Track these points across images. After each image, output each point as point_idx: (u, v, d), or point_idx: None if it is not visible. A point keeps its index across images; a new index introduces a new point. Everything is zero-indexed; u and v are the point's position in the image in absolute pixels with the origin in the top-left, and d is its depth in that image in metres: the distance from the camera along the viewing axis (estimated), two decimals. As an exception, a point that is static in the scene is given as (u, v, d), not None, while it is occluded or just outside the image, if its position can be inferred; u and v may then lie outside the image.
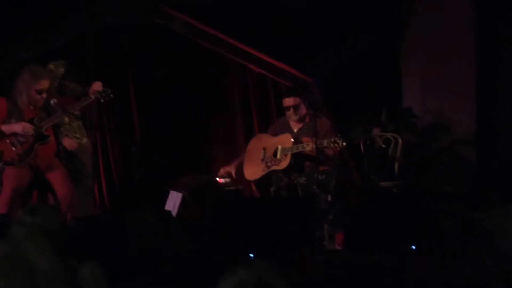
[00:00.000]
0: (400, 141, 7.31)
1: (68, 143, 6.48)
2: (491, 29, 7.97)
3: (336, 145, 6.17)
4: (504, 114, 7.96)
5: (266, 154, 6.73)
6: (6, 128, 5.75)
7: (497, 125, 8.00)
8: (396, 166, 7.21)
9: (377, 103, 7.82)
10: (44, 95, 5.82)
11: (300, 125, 6.69)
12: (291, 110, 6.66)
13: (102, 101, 5.98)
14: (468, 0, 7.98)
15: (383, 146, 7.36)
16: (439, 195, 6.99)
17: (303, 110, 6.65)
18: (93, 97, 5.92)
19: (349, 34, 7.99)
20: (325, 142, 6.24)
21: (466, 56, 7.99)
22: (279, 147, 6.64)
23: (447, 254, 3.12)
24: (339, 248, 5.94)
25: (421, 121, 7.83)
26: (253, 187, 6.95)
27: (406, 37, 8.20)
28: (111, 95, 5.96)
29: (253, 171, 6.82)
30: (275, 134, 6.84)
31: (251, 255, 3.95)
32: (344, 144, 6.16)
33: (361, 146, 7.43)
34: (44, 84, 5.82)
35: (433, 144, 7.83)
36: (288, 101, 6.69)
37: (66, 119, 6.42)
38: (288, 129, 6.75)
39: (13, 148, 5.76)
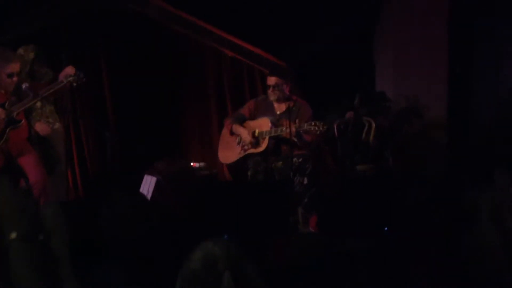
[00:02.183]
0: (373, 124, 7.35)
1: (41, 128, 6.43)
2: (464, 15, 8.04)
3: (316, 128, 6.18)
4: (475, 98, 8.05)
5: (242, 138, 6.73)
6: None
7: (468, 109, 8.09)
8: (370, 150, 7.25)
9: (350, 88, 7.85)
10: (15, 79, 5.75)
11: (283, 109, 6.66)
12: (274, 89, 6.62)
13: (75, 84, 5.91)
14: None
15: (357, 130, 7.40)
16: (411, 178, 7.05)
17: (285, 91, 6.62)
18: (65, 81, 5.85)
19: (324, 20, 8.01)
20: (305, 125, 6.25)
21: (439, 41, 8.05)
22: (257, 130, 6.64)
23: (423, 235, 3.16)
24: (313, 231, 5.97)
25: (394, 105, 7.88)
26: (226, 171, 6.95)
27: (380, 22, 8.24)
28: (84, 79, 5.90)
29: (228, 155, 6.82)
30: (256, 112, 6.79)
31: (225, 237, 3.97)
32: (324, 127, 6.17)
33: (335, 130, 7.47)
34: (15, 67, 5.74)
35: (406, 128, 7.89)
36: (272, 80, 6.67)
37: (38, 104, 6.36)
38: (271, 110, 6.72)
39: None
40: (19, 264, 1.10)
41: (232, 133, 6.78)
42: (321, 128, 6.18)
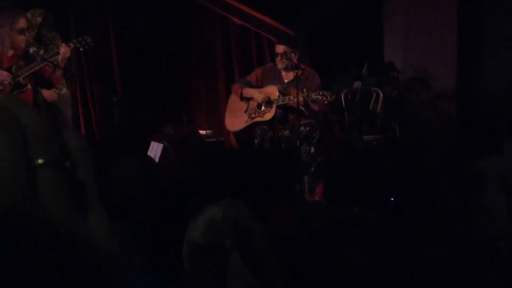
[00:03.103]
0: (381, 95, 7.33)
1: (48, 93, 6.41)
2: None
3: (324, 98, 6.16)
4: (485, 68, 8.00)
5: (249, 106, 6.70)
6: None
7: (478, 78, 8.04)
8: (377, 119, 7.24)
9: (358, 58, 7.81)
10: (27, 34, 5.74)
11: (291, 77, 6.59)
12: (282, 57, 6.56)
13: (82, 49, 5.90)
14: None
15: (364, 100, 7.38)
16: (418, 148, 7.04)
17: (293, 60, 6.55)
18: (72, 45, 5.83)
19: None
20: (313, 95, 6.22)
21: (448, 11, 7.98)
22: None
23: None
24: (319, 200, 5.98)
25: (402, 75, 7.84)
26: (233, 139, 6.94)
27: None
28: (91, 44, 5.87)
29: (235, 122, 6.80)
30: (263, 80, 6.75)
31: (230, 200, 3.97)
32: (332, 97, 6.15)
33: (342, 99, 7.44)
34: (24, 22, 5.73)
35: (414, 98, 7.86)
36: (280, 48, 6.62)
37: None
38: (279, 78, 6.68)
39: None
40: (47, 191, 1.10)
41: (242, 97, 6.73)
42: (329, 98, 6.16)
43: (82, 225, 1.19)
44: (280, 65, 6.63)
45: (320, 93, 6.18)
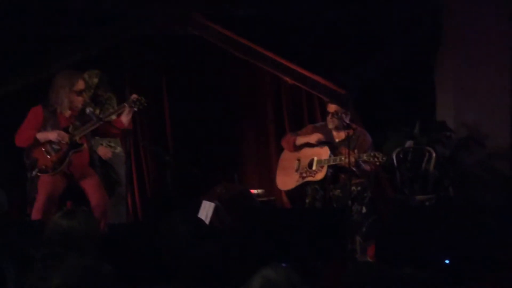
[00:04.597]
0: (433, 154, 7.26)
1: (103, 151, 6.54)
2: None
3: (376, 159, 6.14)
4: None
5: (301, 165, 6.69)
6: (41, 136, 5.81)
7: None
8: (429, 179, 7.16)
9: (410, 116, 7.78)
10: (84, 96, 5.89)
11: (342, 136, 6.57)
12: (334, 116, 6.57)
13: (136, 109, 6.01)
14: (504, 13, 7.92)
15: (416, 159, 7.32)
16: (473, 208, 6.92)
17: (344, 120, 6.54)
18: (127, 105, 5.95)
19: (384, 47, 7.99)
20: (364, 156, 6.21)
21: (501, 68, 7.93)
22: (315, 158, 6.59)
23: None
24: (370, 260, 5.90)
25: (455, 134, 7.77)
26: (284, 198, 6.93)
27: (440, 50, 8.16)
28: (145, 104, 5.99)
29: (286, 181, 6.79)
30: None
31: (284, 264, 3.95)
32: (384, 159, 6.13)
33: (394, 159, 7.39)
34: (82, 84, 5.88)
35: (467, 157, 7.76)
36: (332, 107, 6.63)
37: (101, 128, 6.48)
38: (329, 138, 6.69)
39: (48, 156, 5.80)
40: None
41: (295, 146, 6.70)
42: (380, 160, 6.14)
43: None
44: (330, 125, 6.64)
45: (372, 154, 6.17)
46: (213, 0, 7.62)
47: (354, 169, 6.29)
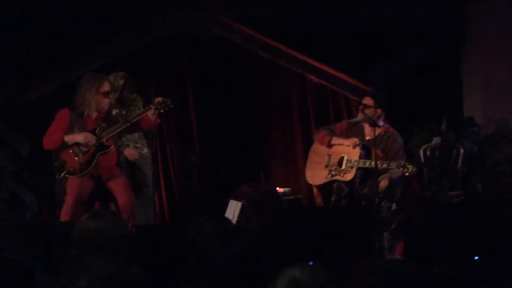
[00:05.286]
0: (461, 150, 7.21)
1: (130, 153, 6.57)
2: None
3: (405, 170, 6.11)
4: None
5: (330, 161, 6.63)
6: (68, 138, 5.86)
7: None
8: (457, 176, 7.11)
9: (437, 112, 7.73)
10: (110, 97, 5.92)
11: (373, 135, 6.36)
12: (367, 110, 6.49)
13: (162, 111, 6.04)
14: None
15: (444, 155, 7.27)
16: (501, 205, 6.86)
17: (377, 115, 6.50)
18: (153, 107, 5.98)
19: (410, 43, 7.95)
20: (394, 165, 6.17)
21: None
22: (345, 157, 6.52)
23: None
24: (399, 257, 5.87)
25: (482, 130, 7.71)
26: (315, 191, 6.85)
27: (467, 45, 8.10)
28: (171, 105, 6.01)
29: (315, 176, 6.73)
30: (346, 134, 6.65)
31: (311, 263, 3.95)
32: (414, 170, 6.09)
33: (421, 155, 7.35)
34: (107, 86, 5.90)
35: (495, 153, 7.69)
36: (368, 100, 6.58)
37: (128, 129, 6.52)
38: (361, 134, 6.61)
39: (76, 158, 5.84)
40: None
41: (330, 145, 6.65)
42: (410, 171, 6.09)
43: None
44: (359, 117, 6.61)
45: (402, 164, 6.11)
46: (237, 1, 7.64)
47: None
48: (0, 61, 7.14)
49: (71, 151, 5.84)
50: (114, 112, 5.90)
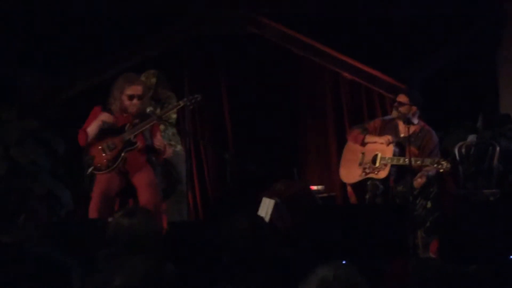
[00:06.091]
0: (497, 148, 7.14)
1: (164, 150, 6.61)
2: None
3: (440, 166, 6.06)
4: None
5: (364, 159, 6.60)
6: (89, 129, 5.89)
7: None
8: (493, 174, 7.04)
9: (473, 110, 7.66)
10: (135, 101, 5.87)
11: (407, 133, 6.28)
12: (401, 106, 6.48)
13: (191, 107, 6.06)
14: None
15: (480, 153, 7.21)
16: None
17: (412, 113, 6.45)
18: (181, 103, 6.01)
19: (446, 39, 7.89)
20: (428, 161, 6.13)
21: None
22: (379, 154, 6.49)
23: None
24: (433, 256, 5.83)
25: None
26: (349, 190, 6.82)
27: (504, 41, 8.01)
28: (199, 100, 6.00)
29: (349, 173, 6.70)
30: (380, 132, 6.61)
31: (344, 262, 3.94)
32: (448, 166, 6.04)
33: (456, 153, 7.28)
34: (136, 90, 5.86)
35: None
36: (400, 97, 6.53)
37: (161, 126, 6.54)
38: (395, 132, 6.58)
39: (103, 154, 5.85)
40: None
41: (364, 143, 6.63)
42: (444, 167, 6.04)
43: None
44: (393, 114, 6.58)
45: (436, 160, 6.07)
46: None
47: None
48: (37, 59, 7.23)
49: (100, 147, 5.86)
50: (148, 110, 5.93)
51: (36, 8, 7.18)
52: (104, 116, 5.87)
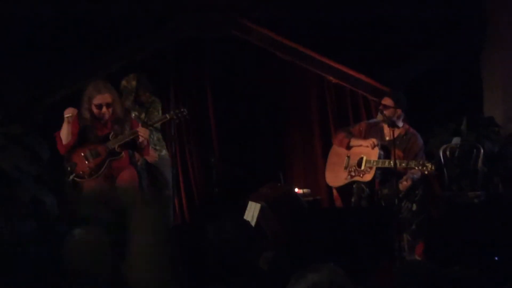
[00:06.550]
0: (481, 150, 7.17)
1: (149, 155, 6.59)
2: None
3: (424, 168, 6.09)
4: None
5: (350, 162, 6.62)
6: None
7: None
8: (478, 176, 7.06)
9: (457, 112, 7.69)
10: (105, 110, 5.79)
11: (393, 135, 6.27)
12: (387, 110, 6.44)
13: (177, 121, 6.08)
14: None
15: (464, 155, 7.24)
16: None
17: (397, 116, 6.49)
18: (168, 116, 6.03)
19: (429, 42, 7.92)
20: (413, 164, 6.16)
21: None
22: (364, 157, 6.52)
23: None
24: (419, 259, 5.85)
25: (503, 130, 7.66)
26: (335, 193, 6.85)
27: (487, 44, 8.05)
28: (187, 116, 6.04)
29: (335, 177, 6.73)
30: (366, 135, 6.65)
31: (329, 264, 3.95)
32: (433, 168, 6.07)
33: (441, 155, 7.31)
34: (103, 98, 5.76)
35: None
36: (388, 101, 6.54)
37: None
38: (380, 135, 6.62)
39: (86, 162, 5.81)
40: None
41: (349, 146, 6.64)
42: (429, 169, 6.07)
43: None
44: (378, 117, 6.60)
45: (421, 163, 6.10)
46: (256, 3, 7.65)
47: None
48: (20, 65, 7.18)
49: (82, 154, 5.82)
50: (133, 115, 5.91)
51: (18, 13, 7.14)
52: (67, 112, 5.78)
